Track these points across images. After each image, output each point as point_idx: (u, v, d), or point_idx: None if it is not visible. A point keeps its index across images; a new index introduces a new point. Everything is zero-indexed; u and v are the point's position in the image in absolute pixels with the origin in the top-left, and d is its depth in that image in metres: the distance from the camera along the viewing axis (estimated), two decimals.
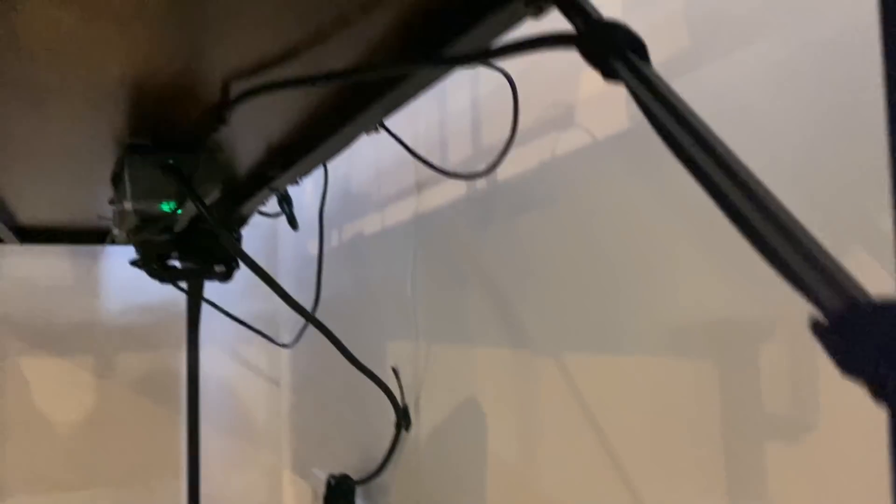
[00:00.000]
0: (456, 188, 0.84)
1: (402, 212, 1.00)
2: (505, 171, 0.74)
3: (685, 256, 0.53)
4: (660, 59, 0.53)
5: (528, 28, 0.40)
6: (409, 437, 0.98)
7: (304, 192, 1.41)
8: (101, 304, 1.61)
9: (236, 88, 0.60)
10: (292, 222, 1.35)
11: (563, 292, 0.66)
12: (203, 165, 0.72)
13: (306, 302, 1.48)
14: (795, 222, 0.24)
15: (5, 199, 1.09)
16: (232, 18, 0.46)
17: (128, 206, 0.74)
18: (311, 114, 0.69)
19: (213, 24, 0.47)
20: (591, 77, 0.62)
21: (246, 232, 1.31)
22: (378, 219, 1.09)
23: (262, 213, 1.34)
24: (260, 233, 1.69)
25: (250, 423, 1.73)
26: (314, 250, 1.43)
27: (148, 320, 1.64)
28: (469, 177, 0.75)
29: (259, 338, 1.73)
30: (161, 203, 0.75)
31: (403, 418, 0.97)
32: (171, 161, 0.72)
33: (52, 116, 0.65)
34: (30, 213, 1.23)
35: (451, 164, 0.87)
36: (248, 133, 0.75)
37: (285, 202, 1.33)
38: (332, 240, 1.32)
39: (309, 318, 0.82)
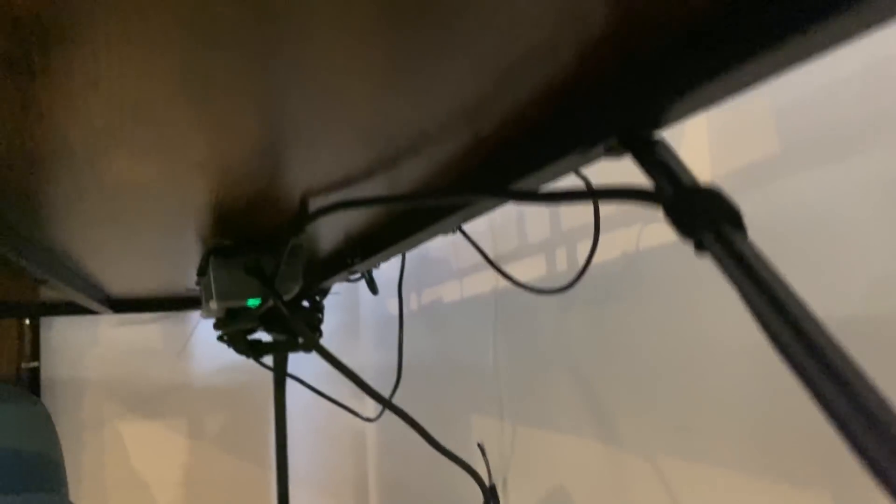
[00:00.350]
0: (536, 266, 0.83)
1: (481, 283, 1.00)
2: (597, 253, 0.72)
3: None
4: (743, 162, 0.51)
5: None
6: None
7: None
8: (191, 366, 1.66)
9: (313, 204, 0.61)
10: (372, 287, 1.37)
11: (656, 390, 0.63)
12: (284, 264, 0.73)
13: (388, 363, 1.49)
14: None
15: (98, 280, 1.14)
16: (312, 148, 0.47)
17: (213, 305, 0.76)
18: (387, 217, 0.69)
19: (295, 153, 0.48)
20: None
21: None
22: (457, 287, 1.08)
23: (347, 280, 1.36)
24: (342, 290, 1.72)
25: (339, 483, 1.74)
26: (394, 310, 1.43)
27: (236, 381, 1.68)
28: (551, 291, 0.73)
29: (345, 390, 1.75)
30: (246, 300, 0.76)
31: (491, 499, 0.96)
32: (253, 262, 0.73)
33: (141, 232, 0.68)
34: (120, 287, 1.28)
35: (528, 240, 0.86)
36: (328, 228, 0.76)
37: (367, 269, 1.34)
38: (411, 303, 1.32)
39: (386, 404, 0.82)
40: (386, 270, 1.49)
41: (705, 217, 0.29)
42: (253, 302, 0.78)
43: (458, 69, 0.32)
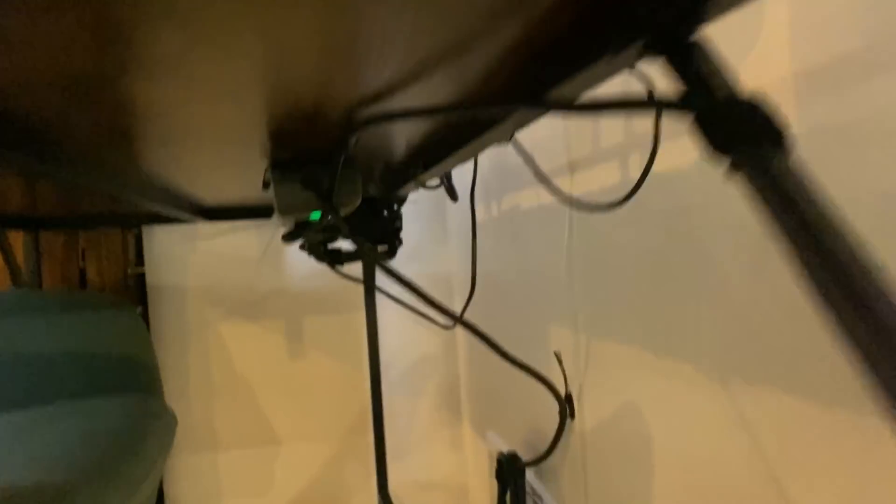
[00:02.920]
0: (609, 174, 0.77)
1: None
2: (663, 162, 0.66)
3: None
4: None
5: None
6: (575, 427, 0.95)
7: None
8: (286, 272, 1.70)
9: (359, 115, 0.58)
10: (452, 194, 1.34)
11: (752, 310, 0.58)
12: (342, 175, 0.72)
13: (479, 269, 1.48)
14: None
15: (190, 194, 1.17)
16: (360, 60, 0.44)
17: (276, 218, 0.75)
18: (443, 129, 0.66)
19: (345, 61, 0.45)
20: (750, 71, 0.53)
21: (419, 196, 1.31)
22: (534, 194, 1.04)
23: (425, 188, 1.34)
24: (430, 197, 1.70)
25: (429, 380, 1.78)
26: (482, 216, 1.41)
27: (329, 285, 1.72)
28: (607, 207, 0.68)
29: (434, 293, 1.76)
30: (308, 214, 0.75)
31: (567, 407, 0.94)
32: (310, 176, 0.72)
33: (221, 143, 0.68)
34: (211, 198, 1.31)
35: (602, 146, 0.80)
36: (390, 139, 0.74)
37: (444, 176, 1.31)
38: (491, 210, 1.29)
39: (457, 319, 0.81)
40: (466, 178, 1.46)
41: (742, 133, 0.24)
42: (315, 215, 0.77)
43: None
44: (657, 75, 0.43)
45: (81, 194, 1.19)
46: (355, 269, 1.71)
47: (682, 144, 0.63)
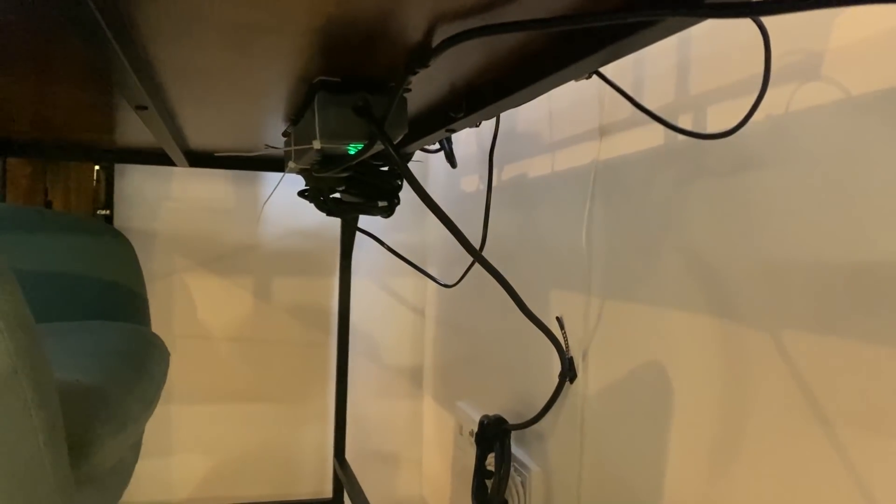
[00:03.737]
0: (653, 136, 0.78)
1: (578, 157, 0.95)
2: (720, 123, 0.67)
3: None
4: None
5: None
6: (573, 390, 0.96)
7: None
8: (261, 228, 1.66)
9: (442, 32, 0.57)
10: (451, 159, 1.33)
11: (790, 262, 0.59)
12: (394, 106, 0.70)
13: (456, 242, 1.47)
14: None
15: (182, 126, 1.12)
16: None
17: (316, 144, 0.73)
18: (511, 58, 0.64)
19: None
20: (848, 22, 0.54)
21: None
22: (548, 161, 1.04)
23: (423, 150, 1.32)
24: (412, 165, 1.69)
25: (395, 352, 1.77)
26: (469, 188, 1.40)
27: (303, 246, 1.69)
28: (708, 136, 0.68)
29: (406, 268, 1.76)
30: (349, 143, 0.73)
31: (568, 369, 0.95)
32: (363, 101, 0.70)
33: (253, 54, 0.64)
34: (200, 138, 1.26)
35: (646, 106, 0.81)
36: (435, 73, 0.72)
37: (446, 140, 1.30)
38: (494, 177, 1.28)
39: (478, 257, 0.80)
40: (461, 147, 1.45)
41: None
42: (354, 147, 0.75)
43: None
44: None
45: (58, 122, 1.13)
46: (334, 232, 1.69)
47: (744, 104, 0.64)
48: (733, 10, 0.35)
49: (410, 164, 1.65)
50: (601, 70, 0.70)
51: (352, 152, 0.77)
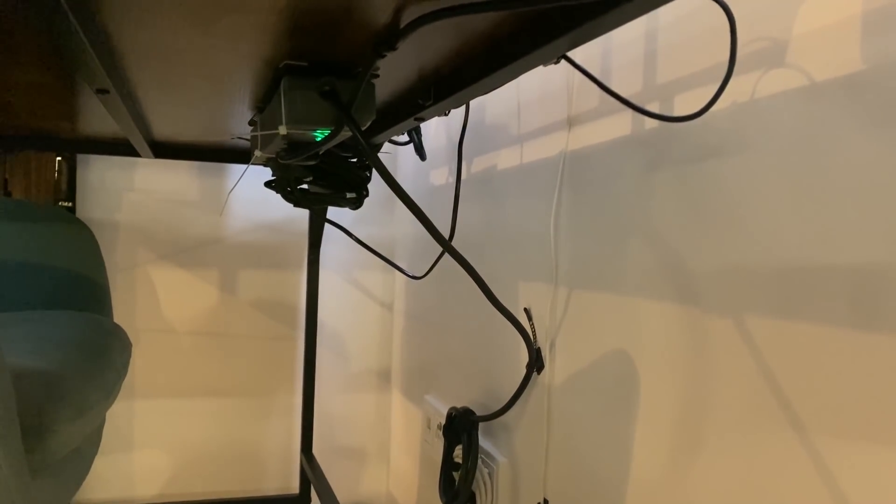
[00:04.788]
0: (620, 126, 0.79)
1: (546, 148, 0.95)
2: (687, 110, 0.68)
3: None
4: None
5: None
6: (540, 381, 0.96)
7: (430, 121, 1.38)
8: (226, 221, 1.64)
9: (409, 13, 0.56)
10: (420, 151, 1.33)
11: (755, 249, 0.60)
12: (361, 91, 0.69)
13: (426, 235, 1.47)
14: None
15: (146, 114, 1.10)
16: None
17: (282, 129, 0.72)
18: (479, 44, 0.64)
19: None
20: (812, 9, 0.54)
21: None
22: (516, 153, 1.04)
23: (391, 142, 1.32)
24: (381, 157, 1.68)
25: (362, 346, 1.76)
26: (438, 181, 1.40)
27: (270, 239, 1.67)
28: (673, 119, 0.68)
29: (374, 262, 1.75)
30: (315, 129, 0.72)
31: (536, 360, 0.95)
32: (330, 86, 0.69)
33: (216, 34, 0.63)
34: (164, 127, 1.24)
35: (611, 99, 0.81)
36: (402, 60, 0.71)
37: (415, 131, 1.30)
38: (462, 169, 1.28)
39: (447, 247, 0.79)
40: (430, 140, 1.45)
41: None
42: (321, 133, 0.74)
43: None
44: None
45: (17, 109, 1.10)
46: (301, 225, 1.67)
47: (710, 91, 0.65)
48: None
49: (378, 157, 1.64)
50: (569, 55, 0.70)
51: (318, 138, 0.76)
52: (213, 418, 1.66)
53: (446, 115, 0.86)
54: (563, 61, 0.73)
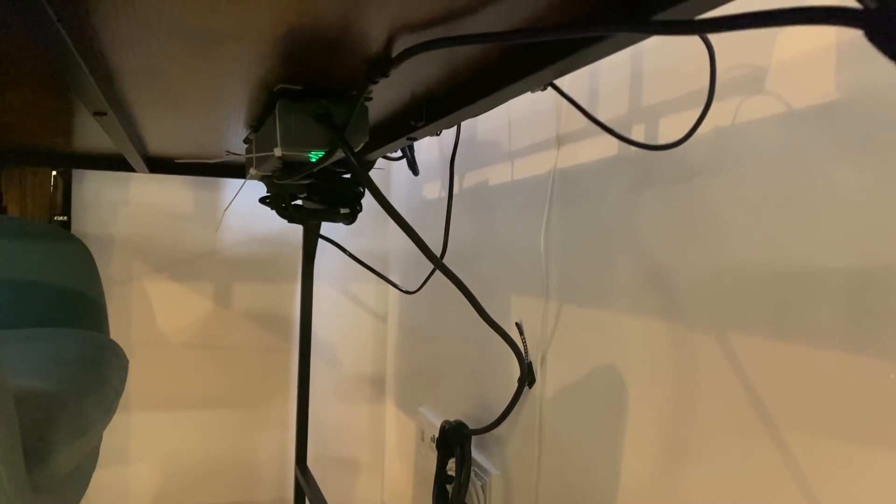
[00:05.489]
0: (607, 146, 0.80)
1: (536, 165, 0.97)
2: (672, 133, 0.70)
3: None
4: None
5: None
6: (532, 395, 0.97)
7: None
8: (221, 234, 1.65)
9: (401, 43, 0.58)
10: (413, 167, 1.34)
11: (737, 271, 0.62)
12: (355, 114, 0.71)
13: (418, 250, 1.49)
14: None
15: (142, 131, 1.12)
16: None
17: (277, 151, 0.73)
18: (470, 69, 0.66)
19: None
20: (789, 39, 0.56)
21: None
22: (507, 169, 1.06)
23: (385, 157, 1.33)
24: (373, 172, 1.70)
25: (356, 358, 1.77)
26: (431, 195, 1.42)
27: (264, 252, 1.68)
28: (657, 147, 0.70)
29: (369, 274, 1.76)
30: (310, 151, 0.74)
31: (527, 374, 0.96)
32: (324, 109, 0.70)
33: (214, 60, 0.65)
34: (160, 144, 1.25)
35: (600, 119, 0.83)
36: (396, 82, 0.73)
37: (408, 147, 1.31)
38: (453, 186, 1.30)
39: (438, 264, 0.81)
40: (424, 154, 1.46)
41: None
42: (315, 154, 0.76)
43: None
44: None
45: (13, 126, 1.11)
46: (295, 238, 1.68)
47: (694, 115, 0.66)
48: (677, 27, 0.37)
49: (372, 172, 1.66)
50: (556, 82, 0.72)
51: (313, 159, 0.77)
52: (207, 430, 1.66)
53: (438, 134, 0.87)
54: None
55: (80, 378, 0.63)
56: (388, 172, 1.74)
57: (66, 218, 1.55)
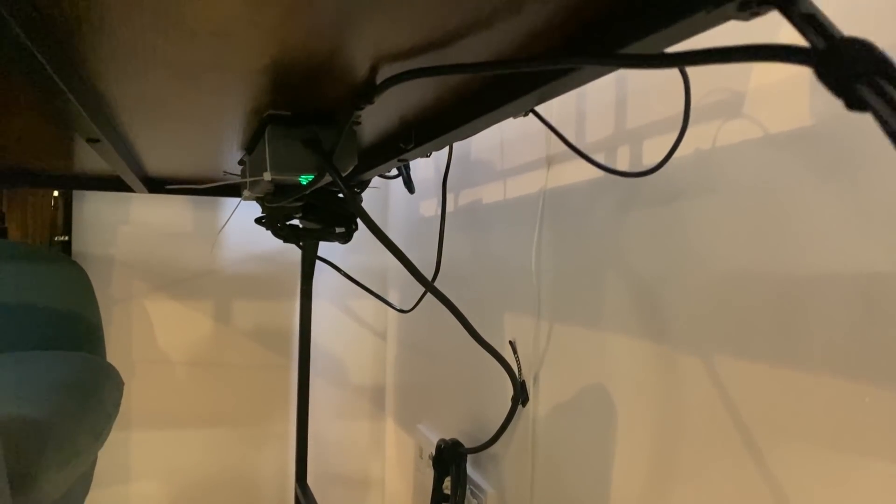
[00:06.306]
0: (593, 167, 0.81)
1: (527, 184, 0.98)
2: (653, 155, 0.70)
3: (882, 269, 0.49)
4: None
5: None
6: (525, 413, 0.98)
7: None
8: (220, 253, 1.67)
9: (384, 71, 0.59)
10: (409, 185, 1.35)
11: (719, 291, 0.62)
12: (343, 139, 0.72)
13: (419, 263, 1.49)
14: None
15: (139, 154, 1.13)
16: (387, 10, 0.44)
17: (266, 176, 0.74)
18: (454, 95, 0.67)
19: (372, 9, 0.46)
20: (766, 65, 0.57)
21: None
22: (500, 188, 1.07)
23: (381, 176, 1.34)
24: (371, 190, 1.71)
25: (356, 374, 1.77)
26: (427, 212, 1.43)
27: (263, 270, 1.69)
28: (633, 174, 0.71)
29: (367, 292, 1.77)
30: (299, 175, 0.75)
31: (521, 393, 0.97)
32: (312, 135, 0.71)
33: (202, 89, 0.66)
34: (157, 165, 1.27)
35: (587, 141, 0.84)
36: (382, 109, 0.74)
37: (403, 166, 1.32)
38: (447, 204, 1.31)
39: (430, 287, 0.82)
40: (420, 172, 1.47)
41: (861, 71, 0.27)
42: (305, 178, 0.77)
43: None
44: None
45: (12, 151, 1.12)
46: (294, 256, 1.69)
47: (675, 138, 0.67)
48: (640, 60, 0.37)
49: (369, 190, 1.67)
50: (542, 107, 0.73)
51: (303, 182, 0.78)
52: (208, 447, 1.67)
53: (428, 156, 0.88)
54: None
55: (71, 404, 0.64)
56: (387, 190, 1.75)
57: (66, 238, 1.56)
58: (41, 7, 0.45)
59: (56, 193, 1.55)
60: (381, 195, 1.75)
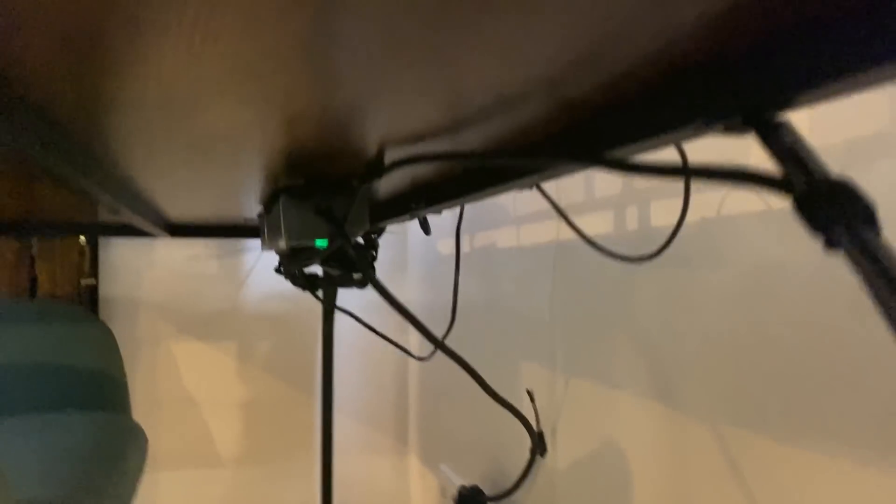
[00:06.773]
0: (603, 222, 0.82)
1: (541, 233, 0.99)
2: (660, 218, 0.71)
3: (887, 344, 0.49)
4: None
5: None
6: (545, 464, 0.98)
7: None
8: (243, 293, 1.69)
9: (390, 154, 0.61)
10: (425, 227, 1.37)
11: (727, 361, 0.62)
12: (354, 206, 0.73)
13: (434, 303, 1.50)
14: None
15: (159, 206, 1.16)
16: (393, 102, 0.46)
17: (282, 243, 0.76)
18: (462, 170, 0.69)
19: (378, 106, 0.47)
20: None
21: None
22: (514, 234, 1.08)
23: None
24: (394, 227, 1.73)
25: (380, 413, 1.78)
26: (445, 251, 1.44)
27: (286, 309, 1.71)
28: (635, 259, 0.72)
29: (389, 328, 1.78)
30: (314, 240, 0.76)
31: (539, 444, 0.97)
32: (325, 204, 0.73)
33: (216, 162, 0.68)
34: (180, 213, 1.30)
35: (596, 195, 0.84)
36: (397, 174, 0.76)
37: None
38: (463, 245, 1.32)
39: (439, 345, 0.82)
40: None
41: (840, 213, 0.28)
42: (321, 243, 0.78)
43: (552, 26, 0.30)
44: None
45: (39, 200, 1.16)
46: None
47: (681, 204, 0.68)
48: (625, 167, 0.38)
49: (387, 237, 1.69)
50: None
51: (319, 246, 0.80)
52: (233, 485, 1.69)
53: (440, 214, 0.90)
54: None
55: (96, 475, 0.66)
56: (406, 232, 1.77)
57: (94, 281, 1.60)
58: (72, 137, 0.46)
59: (82, 239, 1.59)
60: (400, 238, 1.77)
